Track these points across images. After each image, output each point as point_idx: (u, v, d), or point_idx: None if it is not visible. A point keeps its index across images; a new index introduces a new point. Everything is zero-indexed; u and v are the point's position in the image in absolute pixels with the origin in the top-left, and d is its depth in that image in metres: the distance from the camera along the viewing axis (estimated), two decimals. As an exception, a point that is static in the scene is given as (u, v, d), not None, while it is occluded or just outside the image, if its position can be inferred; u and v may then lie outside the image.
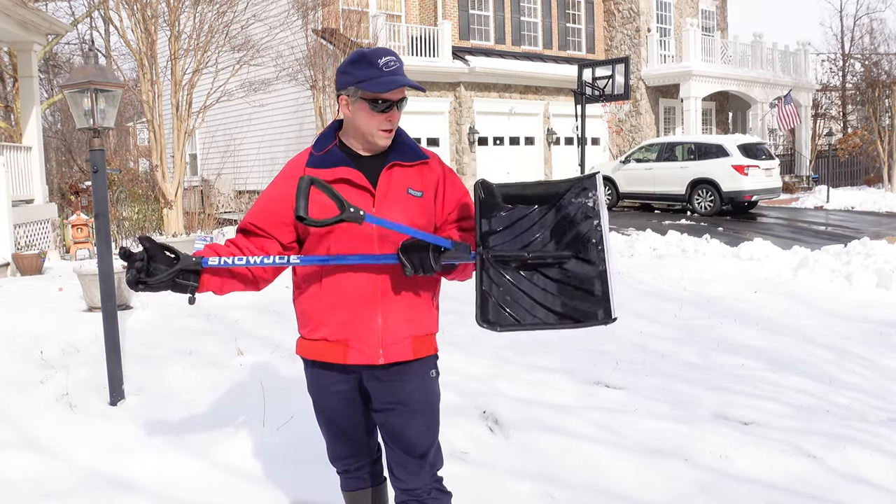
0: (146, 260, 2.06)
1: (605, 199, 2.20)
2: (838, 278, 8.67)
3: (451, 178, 2.32)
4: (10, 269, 9.41)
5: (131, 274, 2.05)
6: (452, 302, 7.35)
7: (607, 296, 2.13)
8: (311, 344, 2.27)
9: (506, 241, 2.18)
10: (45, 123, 23.80)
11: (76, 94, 4.50)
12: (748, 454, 3.73)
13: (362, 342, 2.20)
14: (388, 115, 2.16)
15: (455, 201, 2.31)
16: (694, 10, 25.71)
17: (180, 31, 11.65)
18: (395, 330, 2.21)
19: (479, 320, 2.20)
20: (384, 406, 2.27)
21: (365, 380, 2.28)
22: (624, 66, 14.28)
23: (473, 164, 20.12)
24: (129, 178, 16.42)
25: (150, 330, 5.74)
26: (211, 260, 2.10)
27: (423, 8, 20.61)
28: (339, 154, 2.22)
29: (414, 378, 2.26)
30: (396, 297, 2.21)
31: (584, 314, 2.15)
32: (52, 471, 3.45)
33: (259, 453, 3.64)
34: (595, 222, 2.15)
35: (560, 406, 4.32)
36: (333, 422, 2.38)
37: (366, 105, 2.14)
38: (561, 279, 2.17)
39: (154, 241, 2.08)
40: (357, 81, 2.13)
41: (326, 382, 2.31)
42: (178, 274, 2.09)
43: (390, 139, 2.21)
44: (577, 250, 2.15)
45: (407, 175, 2.22)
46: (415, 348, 2.24)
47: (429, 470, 2.33)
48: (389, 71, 2.13)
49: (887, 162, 22.60)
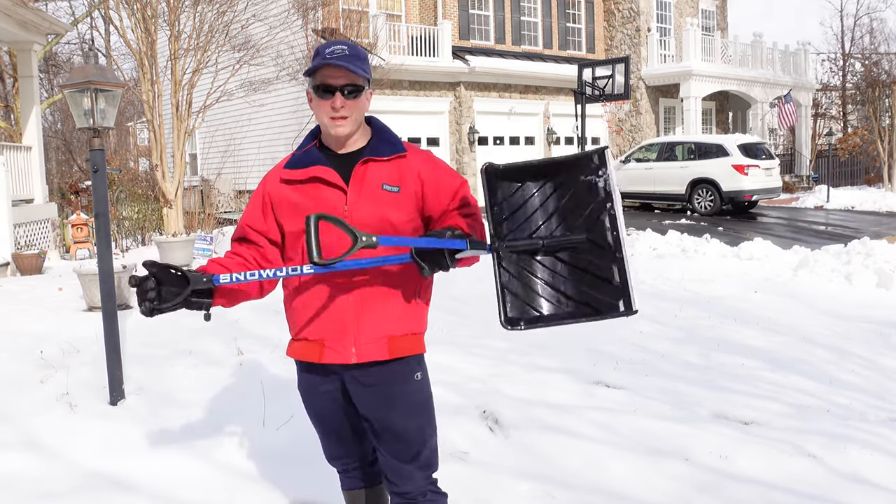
0: (157, 287, 2.02)
1: (616, 179, 2.11)
2: (838, 278, 8.67)
3: (441, 169, 2.26)
4: (10, 269, 9.41)
5: (145, 306, 2.00)
6: (453, 302, 7.37)
7: (626, 285, 2.05)
8: (295, 344, 2.28)
9: (518, 224, 2.12)
10: (45, 123, 23.79)
11: (76, 94, 4.50)
12: (748, 454, 3.72)
13: (335, 341, 2.18)
14: (332, 101, 2.13)
15: (450, 190, 2.24)
16: (694, 10, 25.71)
17: (180, 30, 11.65)
18: (371, 328, 2.17)
19: (502, 321, 2.13)
20: (367, 412, 2.25)
21: (346, 382, 2.25)
22: (624, 66, 14.28)
23: (473, 163, 20.11)
24: (129, 178, 16.41)
25: (150, 330, 5.73)
26: (223, 278, 2.05)
27: (423, 8, 20.61)
28: (315, 153, 2.21)
29: (395, 382, 2.22)
30: (374, 294, 2.17)
31: (604, 304, 2.08)
32: (52, 471, 3.45)
33: (259, 453, 3.64)
34: (608, 204, 2.08)
35: (560, 406, 4.32)
36: (323, 422, 2.37)
37: (314, 94, 2.17)
38: (578, 265, 2.11)
39: (158, 263, 2.04)
40: (308, 71, 2.16)
41: (313, 382, 2.30)
42: (191, 294, 2.05)
43: (343, 128, 2.16)
44: (591, 232, 2.09)
45: (382, 170, 2.18)
46: (391, 347, 2.19)
47: (421, 473, 2.29)
48: (332, 57, 2.11)
49: (887, 162, 22.59)
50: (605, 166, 2.10)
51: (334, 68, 2.12)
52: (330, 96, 2.13)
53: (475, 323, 5.98)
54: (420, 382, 2.28)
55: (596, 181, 2.10)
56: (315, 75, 2.15)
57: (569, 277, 2.12)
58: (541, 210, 2.14)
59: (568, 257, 2.13)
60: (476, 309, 6.01)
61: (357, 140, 2.24)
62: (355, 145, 2.23)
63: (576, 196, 2.12)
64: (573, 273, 2.12)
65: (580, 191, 2.11)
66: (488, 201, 2.13)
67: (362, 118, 2.24)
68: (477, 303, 6.60)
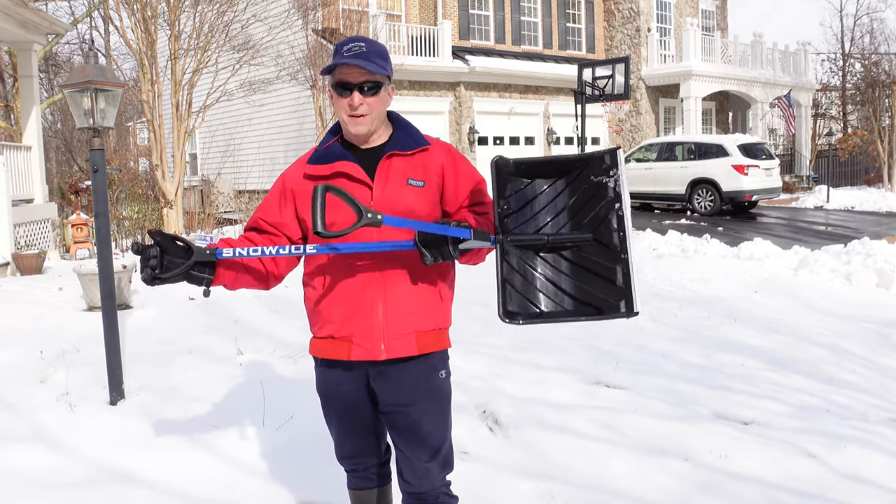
0: (160, 255, 2.02)
1: (626, 179, 2.10)
2: (838, 278, 8.67)
3: (461, 165, 2.26)
4: (10, 269, 9.41)
5: (146, 273, 2.00)
6: (455, 301, 7.36)
7: (629, 287, 2.04)
8: (320, 342, 2.25)
9: (524, 220, 2.12)
10: (45, 123, 23.79)
11: (76, 94, 4.50)
12: (749, 453, 3.72)
13: (364, 337, 2.17)
14: (349, 98, 2.12)
15: (467, 188, 2.24)
16: (694, 10, 25.71)
17: (180, 30, 11.65)
18: (398, 324, 2.16)
19: (500, 314, 2.09)
20: (390, 408, 2.24)
21: (371, 378, 2.23)
22: (624, 66, 14.28)
23: (474, 163, 20.07)
24: (129, 178, 16.40)
25: (150, 329, 5.74)
26: (225, 251, 2.07)
27: (423, 8, 20.61)
28: (338, 148, 2.21)
29: (420, 378, 2.22)
30: (400, 290, 2.16)
31: (605, 304, 2.06)
32: (57, 464, 3.46)
33: (259, 452, 3.64)
34: (616, 205, 2.06)
35: (560, 405, 4.32)
36: (341, 421, 2.34)
37: (333, 92, 2.17)
38: (582, 264, 2.10)
39: (164, 233, 2.03)
40: (326, 70, 2.15)
41: (334, 381, 2.27)
42: (193, 266, 2.05)
43: (362, 126, 2.15)
44: (597, 232, 2.08)
45: (407, 164, 2.18)
46: (420, 343, 2.18)
47: (438, 473, 2.29)
48: (350, 55, 2.11)
49: (887, 162, 22.60)
50: (616, 166, 2.08)
51: (352, 66, 2.11)
52: (348, 94, 2.13)
53: (476, 321, 5.97)
54: (444, 380, 2.28)
55: (606, 181, 2.09)
56: (333, 73, 2.14)
57: (572, 275, 2.11)
58: (548, 207, 2.14)
59: (572, 255, 2.12)
60: (477, 308, 6.00)
61: (380, 135, 2.23)
62: (378, 140, 2.22)
63: (584, 195, 2.11)
64: (576, 271, 2.11)
65: (589, 190, 2.10)
66: (496, 195, 2.11)
67: (383, 115, 2.23)
68: (478, 302, 6.60)
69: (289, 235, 2.24)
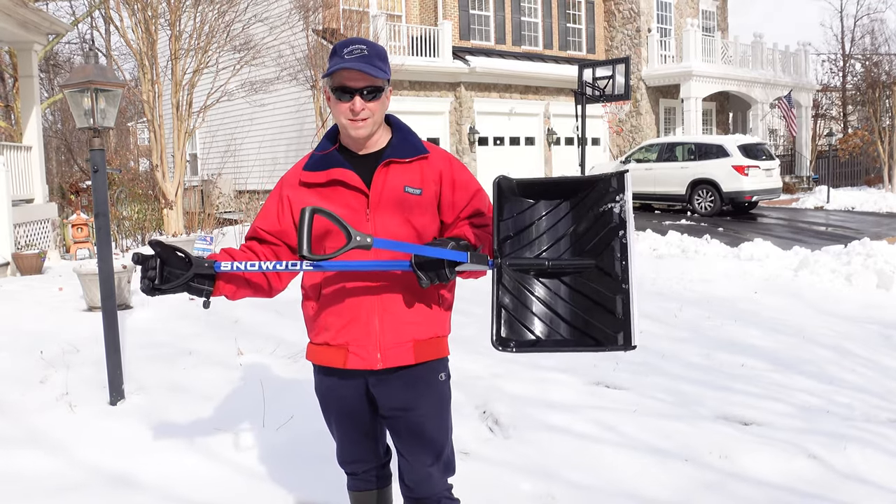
0: (159, 266, 2.01)
1: (632, 205, 2.01)
2: (838, 279, 8.67)
3: (459, 174, 2.21)
4: (10, 269, 9.40)
5: (145, 284, 1.99)
6: (456, 300, 7.35)
7: (629, 319, 1.95)
8: (316, 348, 2.24)
9: (526, 243, 2.05)
10: (46, 123, 23.78)
11: (76, 94, 4.50)
12: (750, 453, 3.72)
13: (360, 346, 2.14)
14: (350, 103, 2.07)
15: (465, 198, 2.20)
16: (694, 11, 25.71)
17: (181, 30, 11.65)
18: (395, 333, 2.14)
19: (493, 341, 2.03)
20: (390, 413, 2.23)
21: (370, 385, 2.21)
22: (624, 67, 14.26)
23: (474, 164, 20.11)
24: (130, 178, 16.39)
25: (150, 330, 5.73)
26: (224, 265, 2.05)
27: (423, 8, 20.61)
28: (335, 155, 2.16)
29: (420, 383, 2.20)
30: (397, 299, 2.14)
31: (603, 335, 1.99)
32: (57, 468, 3.45)
33: (259, 453, 3.63)
34: (621, 232, 1.98)
35: (561, 405, 4.32)
36: (340, 426, 2.32)
37: (332, 95, 2.11)
38: (582, 290, 2.03)
39: (164, 244, 2.02)
40: (326, 73, 2.11)
41: (332, 387, 2.26)
42: (193, 278, 2.04)
43: (363, 130, 2.10)
44: (599, 259, 2.01)
45: (404, 172, 2.14)
46: (417, 352, 2.16)
47: (439, 476, 2.28)
48: (351, 58, 2.05)
49: (887, 162, 22.58)
50: (623, 191, 2.00)
51: (353, 70, 2.05)
52: (349, 98, 2.07)
53: (477, 322, 5.96)
54: (444, 382, 2.27)
55: (612, 206, 2.01)
56: (333, 77, 2.08)
57: (570, 303, 2.05)
58: (550, 230, 2.07)
59: (572, 282, 2.05)
60: (476, 308, 5.99)
61: (378, 140, 2.19)
62: (376, 146, 2.18)
63: (588, 219, 2.04)
64: (575, 299, 2.04)
65: (593, 214, 2.03)
66: (497, 217, 2.04)
67: (382, 118, 2.19)
68: (478, 302, 6.59)
69: (289, 244, 2.21)
